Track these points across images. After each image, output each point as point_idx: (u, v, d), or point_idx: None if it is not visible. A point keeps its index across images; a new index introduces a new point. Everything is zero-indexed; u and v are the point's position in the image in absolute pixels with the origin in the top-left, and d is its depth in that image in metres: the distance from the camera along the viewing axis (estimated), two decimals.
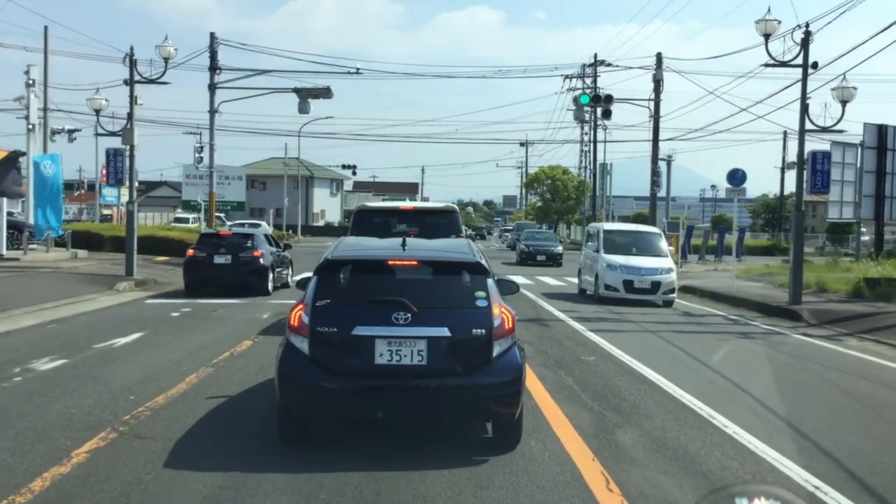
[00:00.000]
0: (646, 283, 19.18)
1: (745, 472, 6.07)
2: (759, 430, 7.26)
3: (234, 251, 18.97)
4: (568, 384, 9.18)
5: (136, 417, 7.23)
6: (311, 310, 6.23)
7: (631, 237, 21.41)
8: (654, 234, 21.71)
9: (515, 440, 6.51)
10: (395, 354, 6.05)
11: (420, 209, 14.82)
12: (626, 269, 19.37)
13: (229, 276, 18.69)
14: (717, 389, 9.36)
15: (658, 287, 19.21)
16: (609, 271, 19.48)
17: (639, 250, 20.39)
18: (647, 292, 19.22)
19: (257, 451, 6.32)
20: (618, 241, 20.90)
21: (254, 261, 18.83)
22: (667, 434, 7.06)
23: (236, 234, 20.44)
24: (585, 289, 21.37)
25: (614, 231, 21.87)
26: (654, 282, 19.21)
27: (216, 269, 18.75)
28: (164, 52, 22.59)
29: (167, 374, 9.18)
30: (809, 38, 18.32)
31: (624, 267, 19.40)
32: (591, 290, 20.43)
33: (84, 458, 5.99)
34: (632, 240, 21.18)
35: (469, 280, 6.57)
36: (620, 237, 21.29)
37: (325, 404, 6.23)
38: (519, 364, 6.31)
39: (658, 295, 19.27)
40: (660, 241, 21.13)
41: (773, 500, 2.66)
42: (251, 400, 8.08)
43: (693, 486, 5.69)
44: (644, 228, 23.37)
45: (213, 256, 18.85)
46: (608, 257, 19.84)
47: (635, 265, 19.44)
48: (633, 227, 24.27)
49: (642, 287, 19.16)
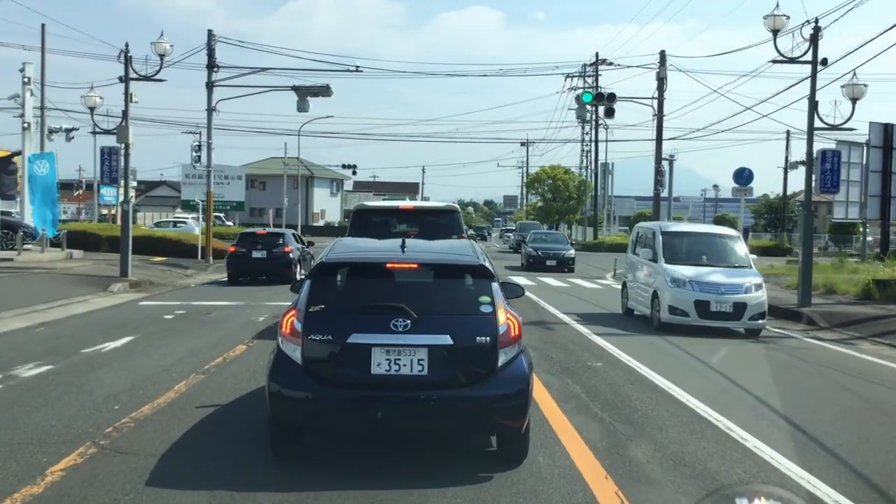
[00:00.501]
0: (726, 304, 14.18)
1: None
2: (780, 443, 6.85)
3: (269, 247, 22.72)
4: (576, 392, 8.76)
5: (118, 430, 6.80)
6: (304, 316, 5.82)
7: (700, 241, 16.18)
8: (731, 238, 16.23)
9: (522, 455, 6.10)
10: (393, 364, 5.64)
11: (420, 209, 14.40)
12: (698, 285, 14.33)
13: (264, 268, 22.45)
14: (732, 398, 8.93)
15: (743, 310, 14.10)
16: (674, 289, 14.46)
17: (711, 259, 15.44)
18: (729, 318, 14.20)
19: (246, 466, 5.90)
20: (682, 246, 15.82)
21: (284, 255, 22.54)
22: (683, 448, 6.63)
23: (270, 233, 24.59)
24: (634, 308, 16.60)
25: (677, 233, 16.41)
26: (738, 303, 14.13)
27: (254, 262, 22.54)
28: (159, 48, 22.19)
29: (155, 382, 8.76)
30: (819, 34, 17.91)
31: (696, 282, 14.37)
32: (643, 311, 15.86)
33: (59, 477, 5.57)
34: (701, 245, 15.98)
35: (472, 284, 6.15)
36: (685, 241, 16.07)
37: (319, 417, 5.81)
38: (526, 374, 5.90)
39: (743, 321, 14.19)
40: (739, 245, 15.93)
41: (773, 500, 2.69)
42: (242, 409, 7.66)
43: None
44: (717, 230, 17.97)
45: (251, 252, 22.62)
46: (672, 269, 14.81)
47: (712, 280, 14.45)
48: (701, 227, 18.83)
49: (722, 311, 14.19)
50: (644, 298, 15.77)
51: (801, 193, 55.49)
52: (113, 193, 41.78)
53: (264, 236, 23.84)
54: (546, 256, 31.44)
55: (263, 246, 22.76)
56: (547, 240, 35.17)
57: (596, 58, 52.28)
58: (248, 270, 22.66)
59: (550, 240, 35.39)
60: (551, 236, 38.10)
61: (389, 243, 7.15)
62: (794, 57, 18.31)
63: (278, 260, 22.44)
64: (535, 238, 35.22)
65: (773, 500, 2.69)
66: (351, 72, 30.86)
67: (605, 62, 47.50)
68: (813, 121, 18.32)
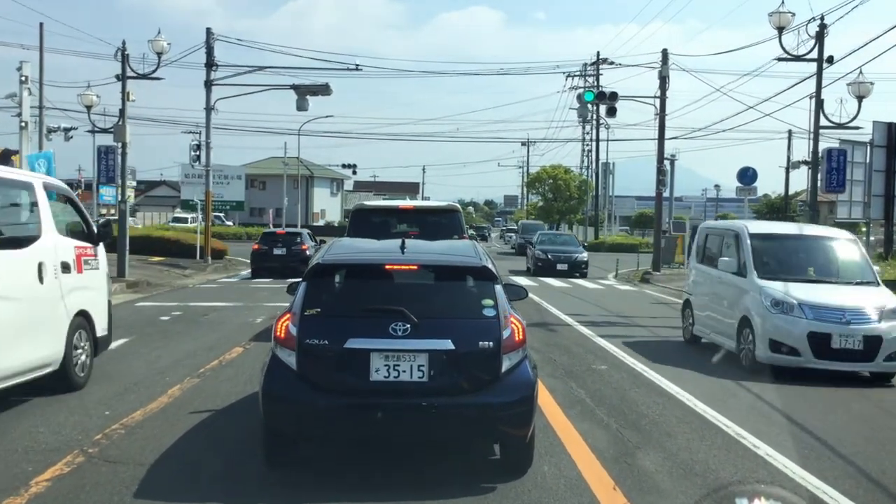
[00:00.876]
0: (854, 338, 9.93)
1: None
2: (791, 450, 6.61)
3: (288, 245, 25.60)
4: (580, 397, 8.52)
5: (108, 437, 6.57)
6: (300, 320, 5.58)
7: (803, 247, 11.91)
8: (844, 242, 11.86)
9: (526, 464, 5.86)
10: (392, 370, 5.40)
11: (421, 208, 14.16)
12: (812, 310, 10.15)
13: (284, 263, 24.55)
14: (740, 402, 8.71)
15: (877, 347, 9.94)
16: (777, 315, 10.24)
17: (821, 272, 11.21)
18: (857, 357, 10.00)
19: (239, 477, 5.67)
20: (777, 253, 11.60)
21: (302, 252, 24.80)
22: (693, 457, 6.40)
23: (288, 233, 27.81)
24: (701, 336, 12.48)
25: (771, 236, 12.04)
26: (871, 336, 9.94)
27: (274, 258, 25.14)
28: (156, 46, 21.99)
29: (148, 386, 8.53)
30: (825, 31, 17.69)
31: (809, 306, 10.18)
32: (720, 341, 11.60)
33: (44, 488, 5.33)
34: (805, 252, 11.74)
35: (475, 286, 5.92)
36: (782, 247, 11.85)
37: (315, 425, 5.57)
38: (531, 380, 5.66)
39: (877, 362, 10.01)
40: (856, 252, 11.66)
41: (772, 500, 2.67)
42: (237, 415, 7.43)
43: None
44: (823, 231, 13.11)
45: (272, 249, 25.41)
46: (771, 287, 10.59)
47: (831, 303, 10.24)
48: (800, 228, 13.45)
49: (848, 347, 9.94)
50: (724, 326, 11.47)
51: (803, 193, 55.32)
52: (112, 193, 41.40)
53: (283, 235, 26.90)
54: (556, 260, 29.08)
55: (283, 244, 25.64)
56: (556, 241, 32.46)
57: (597, 57, 52.02)
58: (269, 266, 24.95)
59: (560, 241, 32.66)
60: (560, 237, 35.06)
61: (388, 244, 6.92)
62: (799, 54, 18.10)
63: (296, 256, 24.57)
64: (543, 240, 32.19)
65: (772, 500, 2.66)
66: (351, 70, 30.59)
67: (606, 61, 47.31)
68: (819, 119, 18.12)
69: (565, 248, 30.51)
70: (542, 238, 32.70)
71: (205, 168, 29.72)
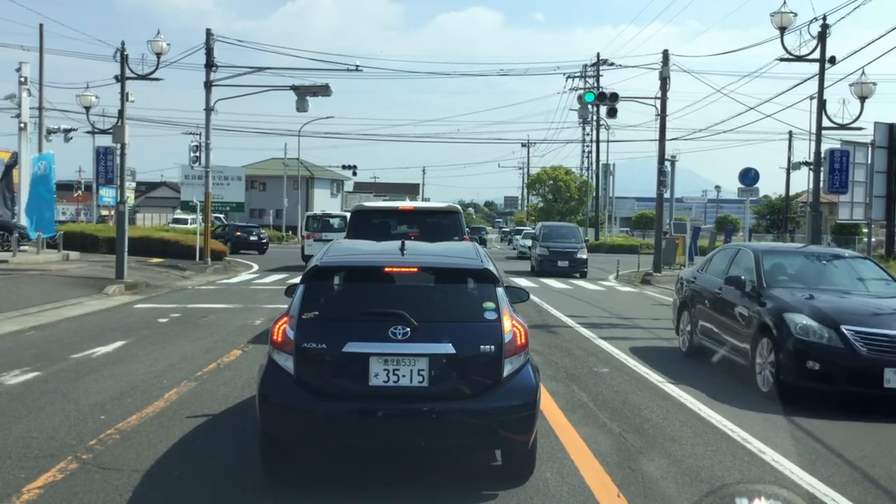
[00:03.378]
0: None
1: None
2: (795, 455, 6.50)
3: None
4: (583, 401, 8.41)
5: (103, 442, 6.46)
6: (297, 323, 5.47)
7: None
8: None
9: (528, 470, 5.75)
10: (392, 374, 5.29)
11: (421, 209, 14.04)
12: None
13: None
14: (746, 404, 8.58)
15: None
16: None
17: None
18: None
19: (236, 483, 5.56)
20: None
21: None
22: (698, 462, 6.28)
23: None
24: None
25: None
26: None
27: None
28: (155, 47, 21.86)
29: (144, 390, 8.41)
30: (827, 32, 17.58)
31: None
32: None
33: (35, 495, 5.22)
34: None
35: (476, 289, 5.80)
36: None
37: (313, 431, 5.45)
38: (533, 385, 5.54)
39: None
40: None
41: (772, 499, 2.70)
42: (234, 420, 7.32)
43: None
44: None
45: None
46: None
47: None
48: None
49: None
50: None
51: (804, 194, 55.17)
52: (112, 194, 41.45)
53: None
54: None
55: None
56: (559, 234, 31.59)
57: (597, 58, 51.98)
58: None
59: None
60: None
61: (388, 245, 6.81)
62: (801, 55, 17.99)
63: None
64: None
65: (773, 500, 2.68)
66: (351, 71, 30.45)
67: (606, 62, 47.20)
68: (821, 120, 18.00)
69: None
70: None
71: (204, 169, 29.59)
